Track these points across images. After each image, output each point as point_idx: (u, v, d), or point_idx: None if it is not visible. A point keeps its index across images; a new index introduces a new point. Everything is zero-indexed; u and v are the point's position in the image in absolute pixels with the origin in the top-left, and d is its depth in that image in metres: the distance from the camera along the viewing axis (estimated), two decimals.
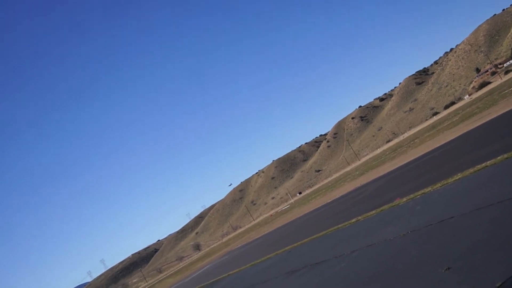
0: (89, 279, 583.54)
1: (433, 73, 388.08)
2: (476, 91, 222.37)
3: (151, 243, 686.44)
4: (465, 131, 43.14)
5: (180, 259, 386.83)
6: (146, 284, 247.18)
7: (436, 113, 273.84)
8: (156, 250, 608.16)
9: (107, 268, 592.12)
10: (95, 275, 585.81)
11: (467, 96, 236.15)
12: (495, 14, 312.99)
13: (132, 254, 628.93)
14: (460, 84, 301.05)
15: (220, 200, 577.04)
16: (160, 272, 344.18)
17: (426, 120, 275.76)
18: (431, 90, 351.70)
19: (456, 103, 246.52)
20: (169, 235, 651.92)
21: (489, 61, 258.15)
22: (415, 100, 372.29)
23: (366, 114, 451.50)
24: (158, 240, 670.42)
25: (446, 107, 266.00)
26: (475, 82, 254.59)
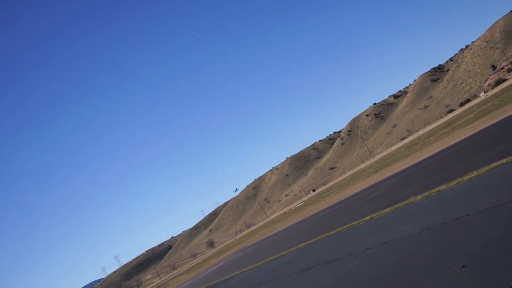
0: (103, 275, 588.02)
1: (448, 70, 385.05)
2: (492, 88, 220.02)
3: (165, 240, 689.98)
4: (480, 128, 42.77)
5: (194, 256, 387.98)
6: (160, 280, 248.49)
7: (451, 111, 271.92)
8: (170, 247, 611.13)
9: (121, 265, 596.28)
10: (110, 271, 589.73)
11: (483, 93, 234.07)
12: (511, 11, 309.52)
13: (146, 251, 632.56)
14: (475, 81, 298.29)
15: (234, 197, 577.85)
16: (174, 268, 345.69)
17: (441, 117, 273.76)
18: (446, 87, 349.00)
19: (472, 100, 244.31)
20: (183, 232, 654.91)
21: (505, 58, 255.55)
22: (430, 97, 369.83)
23: (381, 112, 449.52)
24: (172, 237, 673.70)
25: (462, 104, 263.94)
26: (490, 79, 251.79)
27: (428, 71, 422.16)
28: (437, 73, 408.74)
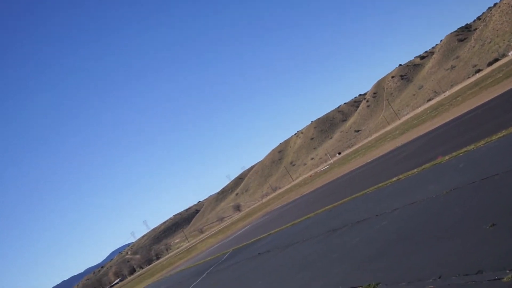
0: (132, 240, 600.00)
1: (476, 29, 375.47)
2: None
3: (192, 204, 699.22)
4: (509, 88, 41.93)
5: (221, 219, 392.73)
6: (188, 244, 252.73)
7: (478, 71, 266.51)
8: (197, 211, 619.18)
9: (150, 229, 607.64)
10: (138, 235, 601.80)
11: (511, 52, 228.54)
12: None
13: (174, 215, 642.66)
14: (504, 40, 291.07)
15: (260, 161, 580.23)
16: (202, 232, 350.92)
17: (468, 77, 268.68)
18: (474, 47, 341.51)
19: (500, 59, 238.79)
20: (210, 196, 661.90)
21: None
22: (457, 57, 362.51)
23: (407, 73, 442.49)
24: (199, 201, 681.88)
25: (489, 64, 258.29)
26: None
27: (455, 31, 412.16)
28: (464, 32, 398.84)
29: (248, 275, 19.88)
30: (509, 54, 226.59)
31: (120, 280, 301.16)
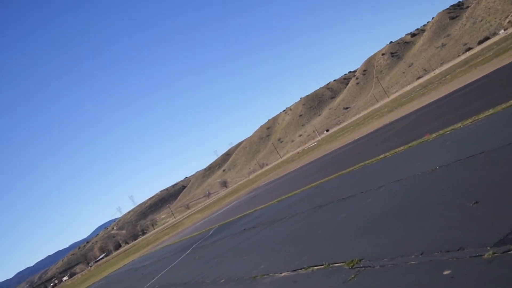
0: (118, 215, 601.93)
1: (467, 7, 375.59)
2: None
3: (179, 180, 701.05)
4: (498, 66, 42.02)
5: (208, 195, 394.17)
6: (174, 219, 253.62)
7: (469, 49, 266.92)
8: (184, 187, 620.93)
9: (136, 204, 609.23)
10: (125, 211, 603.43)
11: (502, 30, 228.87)
12: None
13: (161, 191, 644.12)
14: (495, 19, 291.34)
15: (247, 138, 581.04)
16: (188, 208, 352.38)
17: (459, 56, 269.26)
18: (465, 25, 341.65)
19: (491, 38, 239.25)
20: (197, 172, 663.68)
21: None
22: (448, 35, 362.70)
23: (397, 50, 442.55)
24: (186, 177, 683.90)
25: (480, 42, 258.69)
26: (511, 16, 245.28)
27: (447, 8, 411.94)
28: (456, 10, 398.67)
29: (233, 251, 19.93)
30: (500, 32, 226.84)
31: (105, 255, 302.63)
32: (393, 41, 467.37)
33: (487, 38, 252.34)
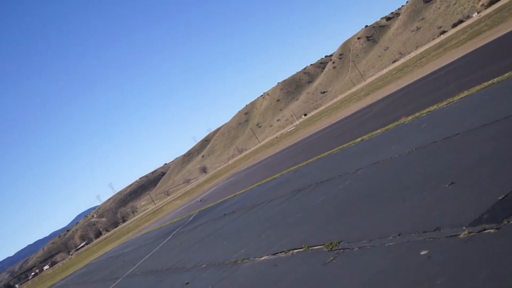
0: (98, 203, 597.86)
1: None
2: (485, 8, 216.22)
3: (158, 167, 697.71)
4: (472, 49, 42.46)
5: (187, 181, 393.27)
6: (154, 206, 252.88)
7: (443, 32, 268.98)
8: (163, 174, 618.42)
9: (116, 192, 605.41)
10: (104, 199, 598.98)
11: (476, 13, 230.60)
12: None
13: (140, 178, 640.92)
14: (469, 2, 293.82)
15: (226, 123, 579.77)
16: (168, 194, 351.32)
17: (434, 39, 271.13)
18: (439, 8, 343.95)
19: (464, 21, 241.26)
20: (176, 158, 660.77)
21: None
22: (423, 19, 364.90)
23: (373, 34, 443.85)
24: (165, 164, 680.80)
25: (454, 25, 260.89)
26: None
27: None
28: None
29: (213, 236, 20.01)
30: (474, 15, 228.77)
31: (86, 243, 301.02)
32: (368, 25, 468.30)
33: (461, 21, 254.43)
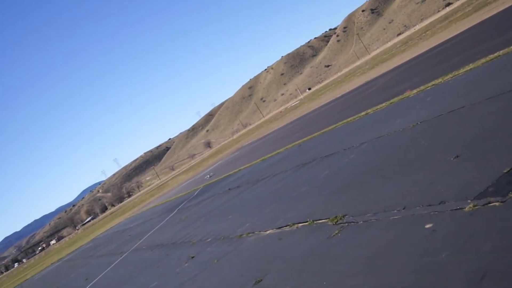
0: (103, 178, 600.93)
1: None
2: None
3: (162, 141, 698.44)
4: (478, 21, 41.95)
5: (192, 156, 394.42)
6: (159, 181, 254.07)
7: (449, 4, 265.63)
8: (167, 149, 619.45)
9: (121, 167, 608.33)
10: (109, 174, 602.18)
11: None
12: None
13: (145, 153, 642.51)
14: None
15: (230, 98, 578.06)
16: (173, 169, 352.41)
17: (439, 11, 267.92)
18: None
19: None
20: (180, 133, 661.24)
21: None
22: None
23: (377, 7, 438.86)
24: (170, 139, 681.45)
25: None
26: None
27: None
28: None
29: (218, 210, 20.11)
30: None
31: (92, 218, 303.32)
32: None
33: None
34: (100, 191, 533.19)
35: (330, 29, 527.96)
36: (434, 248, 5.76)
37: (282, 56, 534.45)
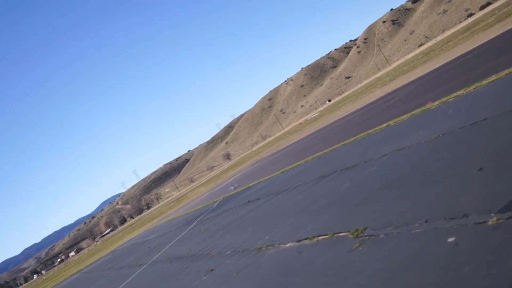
0: (123, 190, 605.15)
1: None
2: None
3: (182, 153, 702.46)
4: (501, 32, 41.58)
5: (211, 168, 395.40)
6: (178, 193, 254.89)
7: (471, 15, 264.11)
8: (187, 160, 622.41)
9: (140, 179, 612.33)
10: (129, 185, 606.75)
11: None
12: None
13: (164, 165, 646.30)
14: None
15: (249, 110, 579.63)
16: (192, 181, 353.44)
17: (460, 22, 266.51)
18: None
19: (492, 3, 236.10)
20: (200, 145, 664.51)
21: None
22: (449, 1, 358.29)
23: (398, 17, 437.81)
24: (189, 151, 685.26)
25: (482, 7, 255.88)
26: None
27: None
28: None
29: (237, 223, 20.07)
30: None
31: (111, 230, 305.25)
32: (393, 8, 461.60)
33: (488, 4, 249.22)
34: (119, 203, 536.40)
35: (350, 40, 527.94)
36: (457, 262, 5.65)
37: (302, 68, 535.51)
